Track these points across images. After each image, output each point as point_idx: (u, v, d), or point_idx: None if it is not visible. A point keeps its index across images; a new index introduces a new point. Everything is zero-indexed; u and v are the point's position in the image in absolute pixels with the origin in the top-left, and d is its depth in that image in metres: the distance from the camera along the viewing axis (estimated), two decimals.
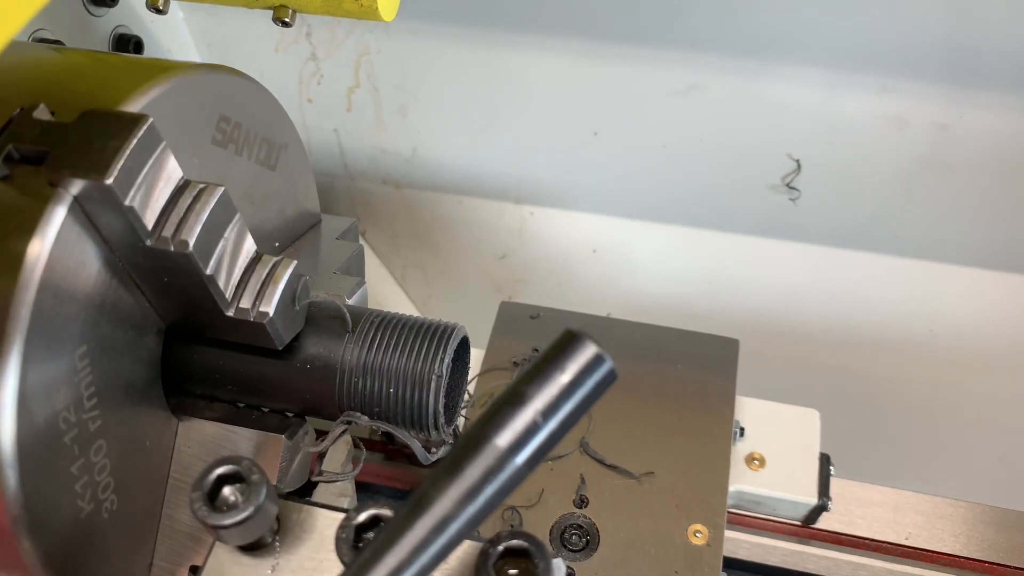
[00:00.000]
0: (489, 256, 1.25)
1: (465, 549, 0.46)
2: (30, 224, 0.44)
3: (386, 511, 0.45)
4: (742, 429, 0.77)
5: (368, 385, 0.57)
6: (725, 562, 0.68)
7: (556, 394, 0.37)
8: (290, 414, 0.60)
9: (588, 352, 0.37)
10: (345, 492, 0.70)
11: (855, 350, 1.17)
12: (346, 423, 0.58)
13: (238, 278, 0.52)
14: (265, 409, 0.60)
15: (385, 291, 1.33)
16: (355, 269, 0.75)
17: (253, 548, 0.49)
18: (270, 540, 0.50)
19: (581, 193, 1.13)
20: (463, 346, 0.60)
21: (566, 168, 1.11)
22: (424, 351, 0.57)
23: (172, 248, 0.47)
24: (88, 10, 0.82)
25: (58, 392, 0.46)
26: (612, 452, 0.73)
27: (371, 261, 1.30)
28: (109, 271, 0.49)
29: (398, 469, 0.84)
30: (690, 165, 1.05)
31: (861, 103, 0.93)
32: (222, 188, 0.49)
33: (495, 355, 0.81)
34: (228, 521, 0.44)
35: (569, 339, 0.37)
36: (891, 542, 0.77)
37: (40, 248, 0.44)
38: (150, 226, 0.47)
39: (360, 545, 0.45)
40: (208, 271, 0.49)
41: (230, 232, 0.50)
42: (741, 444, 0.77)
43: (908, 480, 0.82)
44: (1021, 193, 0.97)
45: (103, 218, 0.46)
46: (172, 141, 0.47)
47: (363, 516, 0.45)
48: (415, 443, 0.58)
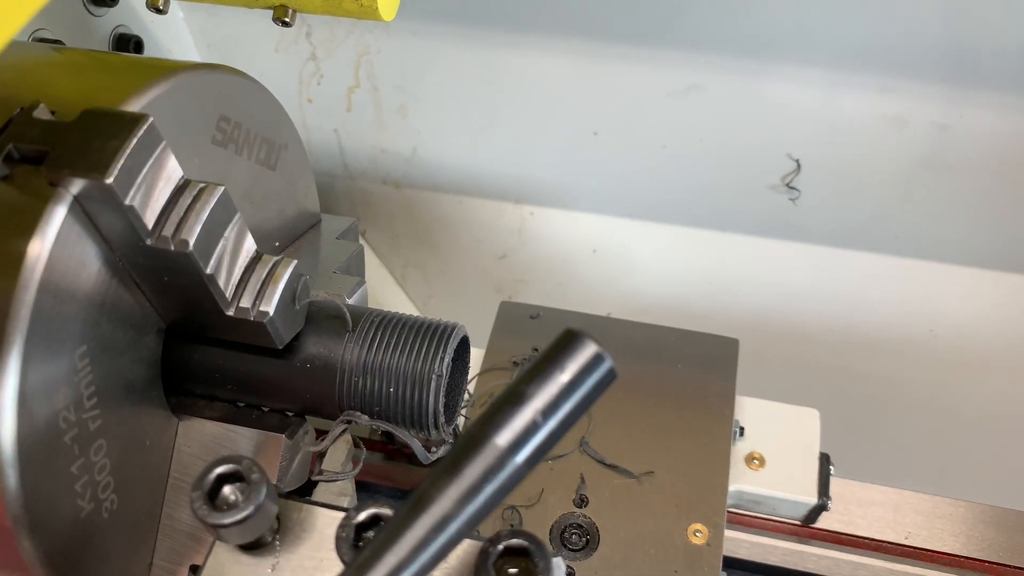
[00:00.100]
0: (489, 256, 1.25)
1: (465, 548, 0.46)
2: (30, 224, 0.44)
3: (386, 510, 0.45)
4: (742, 429, 0.77)
5: (368, 384, 0.57)
6: (725, 562, 0.68)
7: (556, 393, 0.37)
8: (290, 413, 0.60)
9: (588, 351, 0.37)
10: (345, 491, 0.70)
11: (855, 350, 1.17)
12: (346, 422, 0.58)
13: (238, 277, 0.52)
14: (265, 408, 0.60)
15: (385, 291, 1.33)
16: (355, 269, 0.75)
17: (253, 547, 0.49)
18: (270, 539, 0.50)
19: (581, 193, 1.13)
20: (463, 346, 0.60)
21: (566, 168, 1.11)
22: (424, 351, 0.57)
23: (172, 247, 0.47)
24: (88, 10, 0.82)
25: (58, 392, 0.46)
26: (612, 452, 0.73)
27: (371, 261, 1.30)
28: (109, 271, 0.49)
29: (398, 468, 0.84)
30: (690, 165, 1.05)
31: (861, 103, 0.93)
32: (222, 188, 0.49)
33: (495, 355, 0.81)
34: (228, 520, 0.44)
35: (569, 338, 0.37)
36: (891, 542, 0.77)
37: (40, 248, 0.44)
38: (150, 225, 0.47)
39: (360, 544, 0.45)
40: (208, 270, 0.49)
41: (230, 232, 0.50)
42: (741, 444, 0.77)
43: (908, 480, 0.82)
44: (1021, 193, 0.97)
45: (103, 218, 0.46)
46: (172, 141, 0.47)
47: (363, 515, 0.45)
48: (415, 442, 0.58)
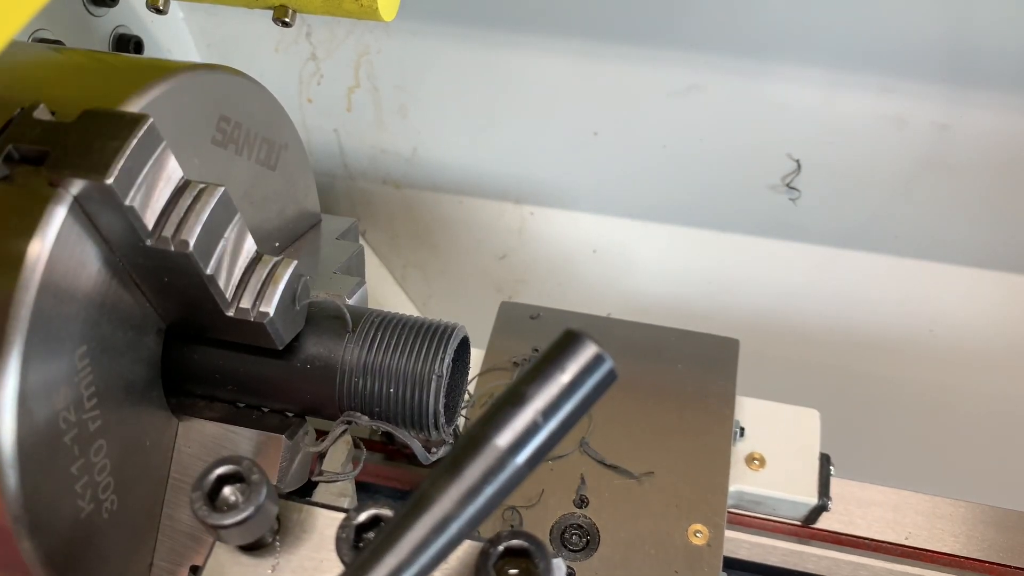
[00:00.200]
0: (489, 256, 1.25)
1: (465, 549, 0.46)
2: (30, 224, 0.44)
3: (386, 511, 0.45)
4: (742, 429, 0.77)
5: (368, 385, 0.57)
6: (725, 562, 0.68)
7: (556, 394, 0.37)
8: (290, 414, 0.60)
9: (588, 352, 0.37)
10: (345, 492, 0.70)
11: (855, 350, 1.17)
12: (346, 423, 0.58)
13: (238, 278, 0.52)
14: (265, 409, 0.60)
15: (385, 291, 1.33)
16: (355, 269, 0.74)
17: (253, 548, 0.49)
18: (270, 540, 0.50)
19: (581, 193, 1.13)
20: (463, 346, 0.60)
21: (566, 168, 1.11)
22: (424, 351, 0.57)
23: (172, 248, 0.47)
24: (88, 10, 0.82)
25: (58, 392, 0.46)
26: (612, 452, 0.73)
27: (371, 261, 1.30)
28: (109, 271, 0.49)
29: (398, 469, 0.84)
30: (690, 165, 1.05)
31: (861, 103, 0.93)
32: (222, 188, 0.49)
33: (495, 355, 0.81)
34: (228, 521, 0.44)
35: (569, 339, 0.37)
36: (891, 542, 0.77)
37: (40, 248, 0.44)
38: (150, 226, 0.47)
39: (360, 545, 0.45)
40: (208, 271, 0.49)
41: (230, 232, 0.50)
42: (741, 444, 0.77)
43: (908, 480, 0.82)
44: (1021, 193, 0.97)
45: (103, 218, 0.46)
46: (172, 141, 0.47)
47: (363, 516, 0.45)
48: (415, 443, 0.58)
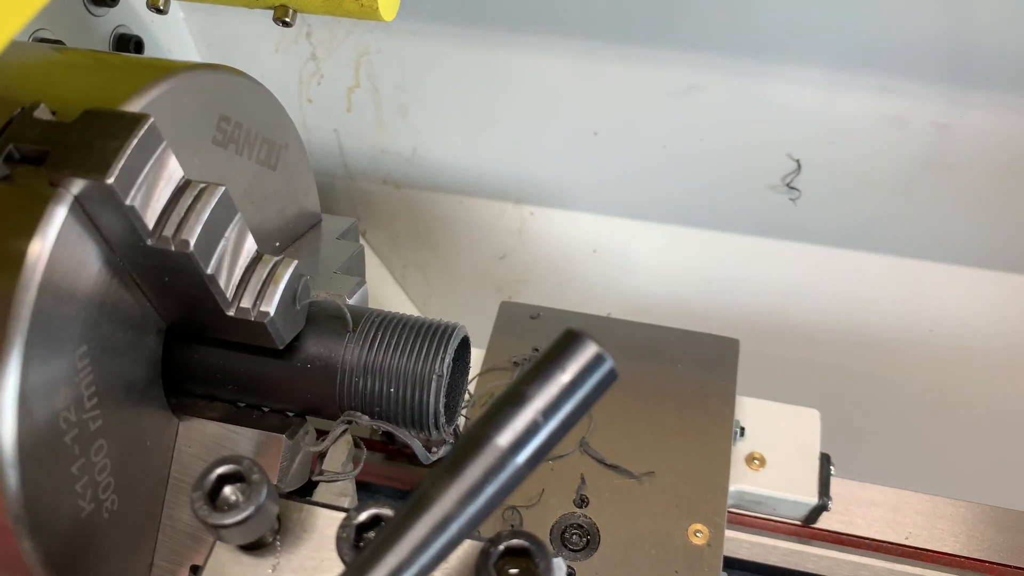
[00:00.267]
0: (489, 256, 1.25)
1: (466, 548, 0.46)
2: (31, 224, 0.44)
3: (387, 511, 0.45)
4: (742, 429, 0.77)
5: (369, 385, 0.57)
6: (725, 562, 0.68)
7: (557, 394, 0.37)
8: (291, 414, 0.60)
9: (589, 352, 0.37)
10: (346, 492, 0.70)
11: (855, 350, 1.17)
12: (347, 423, 0.58)
13: (239, 278, 0.52)
14: (266, 409, 0.60)
15: (385, 291, 1.33)
16: (355, 269, 0.75)
17: (254, 547, 0.49)
18: (271, 539, 0.50)
19: (581, 193, 1.13)
20: (463, 346, 0.60)
21: (566, 168, 1.11)
22: (425, 351, 0.57)
23: (173, 248, 0.47)
24: (88, 10, 0.82)
25: (58, 392, 0.46)
26: (612, 452, 0.73)
27: (371, 261, 1.30)
28: (110, 271, 0.49)
29: (398, 469, 0.84)
30: (690, 165, 1.05)
31: (861, 103, 0.93)
32: (223, 188, 0.49)
33: (495, 355, 0.81)
34: (229, 520, 0.44)
35: (569, 339, 0.37)
36: (891, 542, 0.77)
37: (41, 248, 0.44)
38: (151, 226, 0.47)
39: (361, 544, 0.45)
40: (209, 271, 0.49)
41: (231, 232, 0.50)
42: (741, 444, 0.77)
43: (908, 480, 0.82)
44: (1021, 193, 0.97)
45: (104, 218, 0.46)
46: (173, 141, 0.47)
47: (364, 515, 0.45)
48: (415, 443, 0.58)
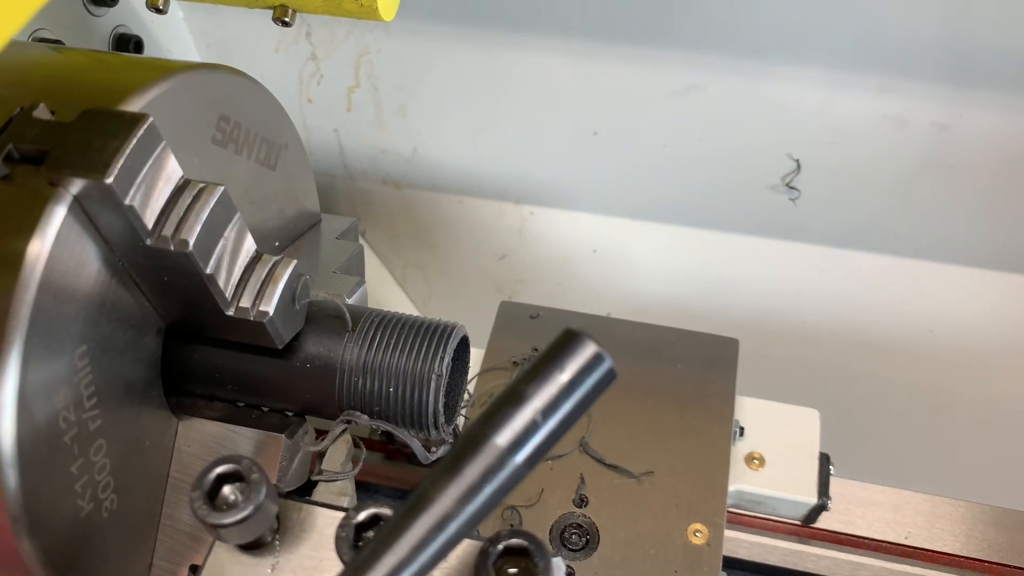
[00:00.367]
0: (489, 256, 1.25)
1: (465, 548, 0.46)
2: (30, 224, 0.44)
3: (386, 510, 0.45)
4: (742, 429, 0.77)
5: (368, 384, 0.57)
6: (725, 562, 0.68)
7: (556, 393, 0.37)
8: (290, 413, 0.60)
9: (588, 351, 0.37)
10: (345, 491, 0.70)
11: (855, 350, 1.17)
12: (346, 422, 0.58)
13: (238, 277, 0.52)
14: (265, 408, 0.60)
15: (385, 291, 1.33)
16: (355, 269, 0.75)
17: (253, 547, 0.49)
18: (270, 539, 0.50)
19: (581, 193, 1.13)
20: (463, 345, 0.60)
21: (566, 168, 1.11)
22: (424, 350, 0.57)
23: (172, 247, 0.47)
24: (88, 10, 0.82)
25: (58, 392, 0.46)
26: (612, 452, 0.73)
27: (371, 261, 1.30)
28: (109, 271, 0.49)
29: (398, 468, 0.84)
30: (690, 165, 1.05)
31: (861, 103, 0.93)
32: (222, 187, 0.49)
33: (495, 355, 0.81)
34: (228, 520, 0.44)
35: (569, 338, 0.37)
36: (891, 542, 0.77)
37: (40, 248, 0.44)
38: (150, 225, 0.47)
39: (360, 544, 0.45)
40: (208, 270, 0.49)
41: (230, 231, 0.50)
42: (741, 444, 0.77)
43: (908, 480, 0.82)
44: (1021, 193, 0.97)
45: (103, 217, 0.46)
46: (172, 140, 0.47)
47: (363, 515, 0.45)
48: (415, 442, 0.58)
